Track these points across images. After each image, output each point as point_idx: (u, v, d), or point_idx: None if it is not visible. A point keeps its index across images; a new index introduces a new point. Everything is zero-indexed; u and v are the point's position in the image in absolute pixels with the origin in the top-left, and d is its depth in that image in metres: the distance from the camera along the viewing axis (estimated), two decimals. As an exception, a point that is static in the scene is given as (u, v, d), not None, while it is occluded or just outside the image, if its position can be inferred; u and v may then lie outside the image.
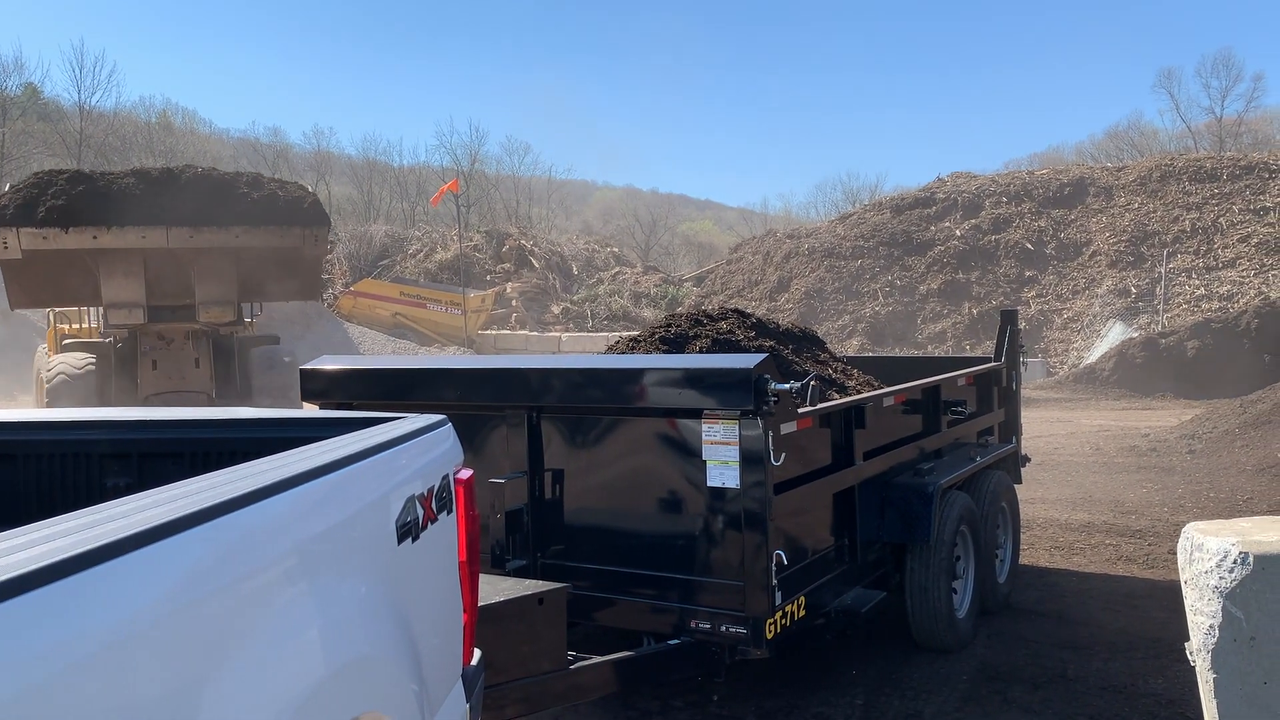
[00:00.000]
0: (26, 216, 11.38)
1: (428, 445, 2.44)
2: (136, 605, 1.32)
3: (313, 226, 12.81)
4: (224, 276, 12.66)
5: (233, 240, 12.26)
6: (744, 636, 4.03)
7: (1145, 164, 29.54)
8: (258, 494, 1.65)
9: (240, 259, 12.63)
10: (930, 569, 5.18)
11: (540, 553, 4.46)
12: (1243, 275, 23.82)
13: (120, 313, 12.43)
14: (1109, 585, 6.74)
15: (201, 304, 12.67)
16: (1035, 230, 27.20)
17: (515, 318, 31.01)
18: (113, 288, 12.15)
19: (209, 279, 12.57)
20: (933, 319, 25.65)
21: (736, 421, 3.96)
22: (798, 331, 6.55)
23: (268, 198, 12.69)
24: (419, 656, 2.18)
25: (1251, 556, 2.73)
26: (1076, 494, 9.85)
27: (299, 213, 12.76)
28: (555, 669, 3.83)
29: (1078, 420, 15.84)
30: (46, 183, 11.77)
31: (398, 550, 2.14)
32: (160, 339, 13.25)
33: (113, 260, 12.04)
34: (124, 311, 12.39)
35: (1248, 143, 45.01)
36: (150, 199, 11.88)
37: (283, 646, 1.65)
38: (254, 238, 12.36)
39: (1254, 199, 25.74)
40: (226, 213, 12.22)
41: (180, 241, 12.01)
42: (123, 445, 2.92)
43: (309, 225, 12.76)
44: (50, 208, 11.47)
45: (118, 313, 12.47)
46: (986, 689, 4.95)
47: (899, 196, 31.30)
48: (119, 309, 12.41)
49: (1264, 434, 11.56)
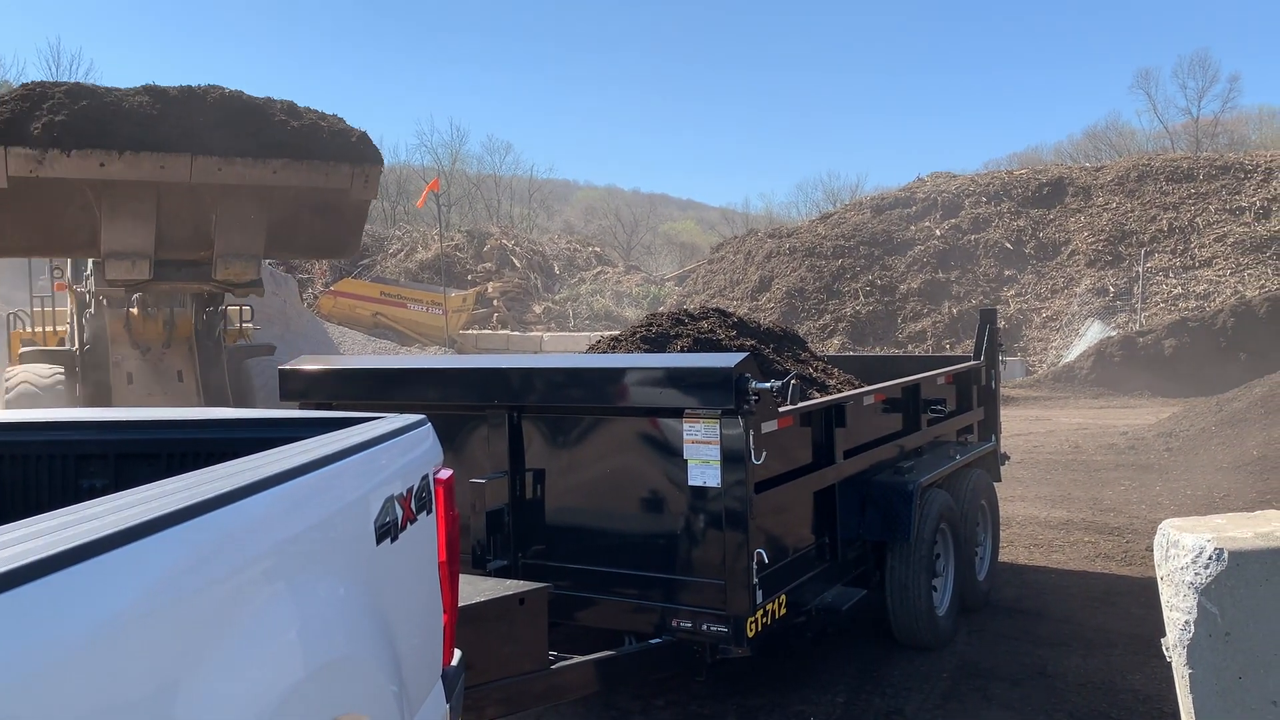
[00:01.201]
0: (17, 133, 8.89)
1: (407, 445, 2.43)
2: (113, 606, 1.31)
3: (364, 164, 10.37)
4: (250, 223, 10.33)
5: (268, 176, 9.83)
6: (725, 635, 4.04)
7: (1123, 164, 29.75)
8: (235, 494, 1.64)
9: (272, 201, 10.25)
10: (910, 567, 5.20)
11: (521, 553, 4.45)
12: (1219, 274, 24.03)
13: (122, 265, 9.97)
14: (1087, 582, 6.79)
15: (220, 257, 10.32)
16: (1014, 230, 27.35)
17: (496, 317, 30.95)
18: (116, 232, 9.75)
19: (232, 226, 10.21)
20: (913, 318, 25.76)
21: (717, 420, 3.96)
22: (779, 331, 6.57)
23: (309, 128, 10.23)
24: (398, 657, 2.17)
25: (1226, 553, 2.76)
26: (1055, 492, 9.92)
27: (347, 147, 10.35)
28: (536, 669, 3.83)
29: (1056, 419, 15.94)
30: (40, 95, 9.12)
31: (377, 551, 2.13)
32: (134, 346, 11.31)
33: (119, 196, 9.60)
34: (126, 264, 9.96)
35: (1224, 143, 45.42)
36: (169, 122, 9.49)
37: (261, 647, 1.64)
38: (293, 174, 9.94)
39: (1230, 199, 25.98)
40: (262, 142, 9.84)
41: (206, 175, 9.56)
42: (99, 446, 2.90)
43: (360, 162, 10.33)
44: (48, 124, 8.98)
45: (119, 265, 10.00)
46: (967, 686, 4.98)
47: (879, 196, 31.42)
48: (121, 260, 9.97)
49: (1239, 432, 11.67)
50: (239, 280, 10.84)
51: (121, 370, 11.26)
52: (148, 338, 11.33)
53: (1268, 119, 51.94)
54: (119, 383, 11.23)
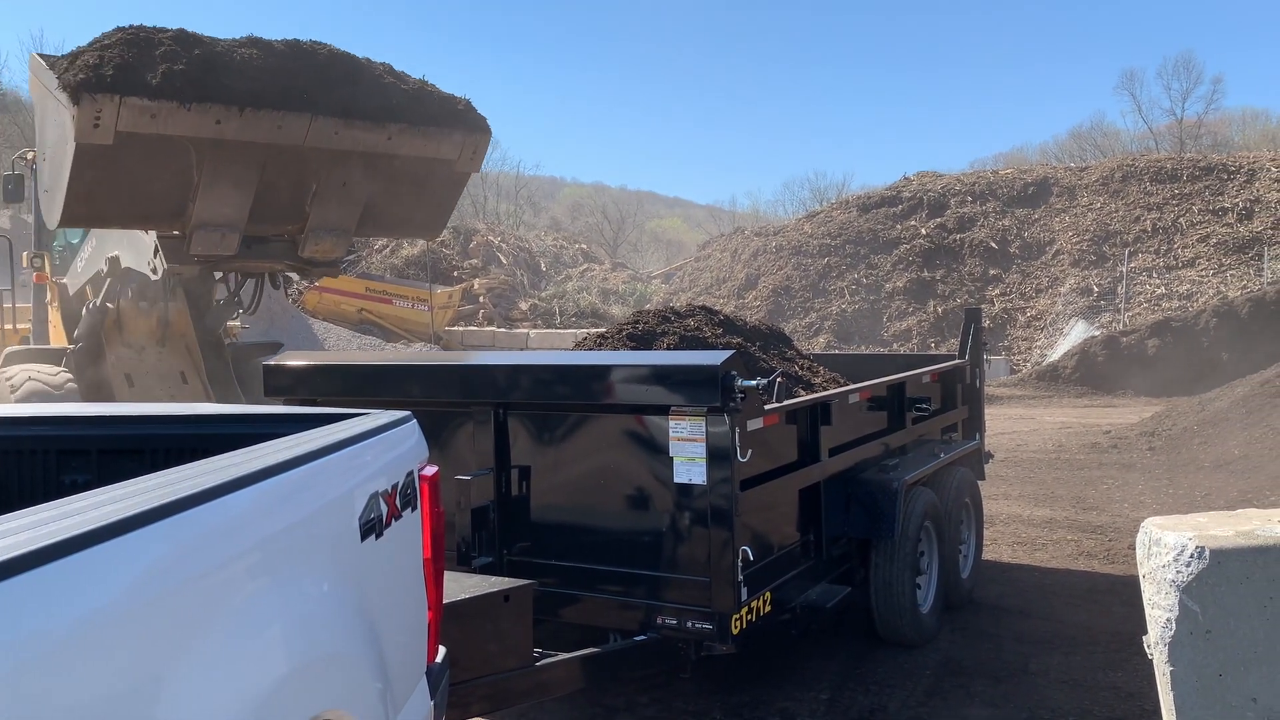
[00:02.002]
0: (133, 82, 7.42)
1: (392, 442, 2.43)
2: (95, 602, 1.31)
3: (475, 134, 9.28)
4: (349, 195, 9.11)
5: (383, 143, 8.72)
6: (710, 632, 4.05)
7: (1107, 164, 29.91)
8: (219, 490, 1.64)
9: (376, 171, 9.09)
10: (895, 564, 5.22)
11: (506, 550, 4.45)
12: (1202, 275, 24.19)
13: (211, 237, 8.70)
14: (1070, 580, 6.83)
15: (312, 231, 9.08)
16: (999, 229, 27.47)
17: (483, 314, 30.89)
18: (212, 200, 8.49)
19: (331, 197, 9.03)
20: (898, 317, 25.84)
21: (703, 418, 3.96)
22: (765, 329, 6.58)
23: (418, 92, 9.11)
24: (383, 654, 2.17)
25: (1208, 551, 2.78)
26: (1039, 490, 9.97)
27: (457, 114, 9.20)
28: (521, 666, 3.82)
29: (1040, 417, 16.02)
30: (146, 40, 7.69)
31: (361, 547, 2.13)
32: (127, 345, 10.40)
33: (225, 159, 8.35)
34: (215, 236, 8.69)
35: (1207, 144, 45.71)
36: (282, 78, 8.30)
37: (244, 643, 1.63)
38: (407, 142, 8.88)
39: (1213, 199, 26.15)
40: (378, 105, 8.72)
41: (323, 138, 8.44)
42: (81, 441, 2.88)
43: (472, 131, 9.24)
44: (167, 73, 7.64)
45: (207, 237, 8.71)
46: (950, 683, 5.00)
47: (865, 195, 31.49)
48: (211, 232, 8.68)
49: (1221, 431, 11.76)
50: (325, 259, 9.51)
51: (119, 372, 10.34)
52: (139, 335, 10.46)
53: (1251, 120, 52.38)
54: (119, 385, 10.25)
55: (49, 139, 7.77)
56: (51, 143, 7.68)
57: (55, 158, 7.68)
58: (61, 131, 7.36)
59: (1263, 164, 27.09)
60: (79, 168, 7.55)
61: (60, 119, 7.32)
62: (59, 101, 7.23)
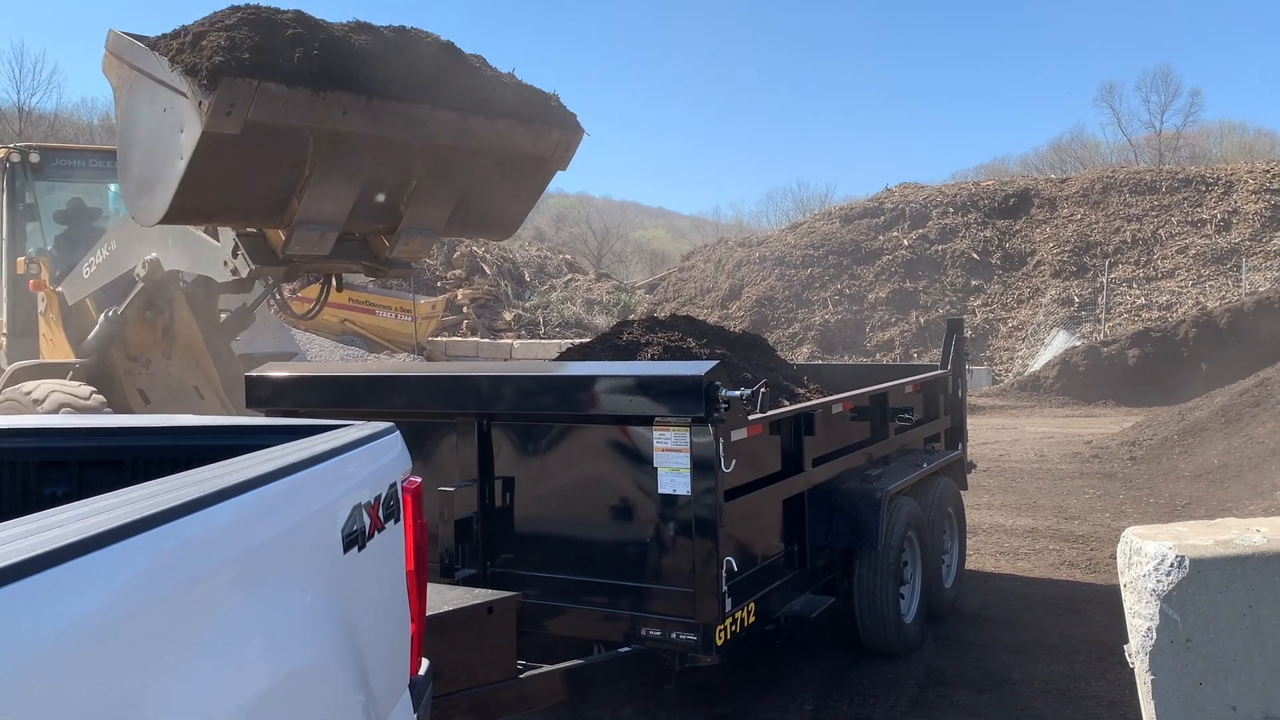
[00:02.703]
0: (270, 67, 6.81)
1: (374, 453, 2.42)
2: (74, 615, 1.30)
3: (570, 132, 8.75)
4: (444, 192, 8.47)
5: (493, 138, 8.12)
6: (694, 643, 4.04)
7: (1087, 176, 30.16)
8: (200, 502, 1.63)
9: (475, 168, 8.44)
10: (878, 574, 5.23)
11: (490, 561, 4.43)
12: (1181, 285, 24.41)
13: (310, 236, 7.89)
14: (1053, 589, 6.86)
15: (404, 231, 8.41)
16: (981, 240, 27.63)
17: (466, 324, 30.84)
18: (318, 197, 7.72)
19: (428, 195, 8.34)
20: (881, 327, 25.95)
21: (687, 428, 3.97)
22: (748, 339, 6.60)
23: (520, 86, 8.56)
24: (365, 666, 2.15)
25: (1188, 560, 2.80)
26: (1021, 500, 10.02)
27: (555, 110, 8.69)
28: (505, 678, 3.81)
29: (1022, 427, 16.10)
30: (270, 21, 7.07)
31: (343, 559, 2.12)
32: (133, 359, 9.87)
33: (340, 152, 7.60)
34: (315, 235, 7.90)
35: (1185, 156, 46.14)
36: (403, 69, 7.66)
37: (225, 657, 1.62)
38: (514, 138, 8.28)
39: (1191, 211, 26.41)
40: (491, 98, 8.13)
41: (444, 132, 7.83)
42: (61, 453, 2.85)
43: (567, 130, 8.74)
44: (303, 58, 6.98)
45: (307, 236, 7.88)
46: (933, 693, 5.01)
47: (848, 206, 31.62)
48: (311, 230, 7.88)
49: (1201, 441, 11.85)
50: (410, 258, 8.78)
51: (132, 388, 9.75)
52: (144, 347, 9.86)
53: (1228, 133, 52.87)
54: (135, 402, 9.64)
55: (142, 128, 6.94)
56: (147, 132, 6.88)
57: (157, 148, 6.92)
58: (170, 118, 6.63)
59: (1240, 176, 27.38)
60: (200, 159, 6.77)
61: (171, 105, 6.59)
62: (170, 86, 6.47)
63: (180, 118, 6.53)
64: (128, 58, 6.82)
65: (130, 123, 7.15)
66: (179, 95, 6.40)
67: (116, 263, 9.52)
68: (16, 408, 9.31)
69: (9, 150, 10.94)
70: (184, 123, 6.51)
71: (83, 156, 11.86)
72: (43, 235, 10.78)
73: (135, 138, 7.06)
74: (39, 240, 10.94)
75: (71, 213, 11.15)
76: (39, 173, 10.96)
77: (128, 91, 7.01)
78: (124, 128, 7.19)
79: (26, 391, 9.37)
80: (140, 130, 7.00)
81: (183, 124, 6.52)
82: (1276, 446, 10.46)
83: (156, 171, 7.02)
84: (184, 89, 6.30)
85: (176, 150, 6.68)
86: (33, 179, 10.96)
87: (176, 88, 6.37)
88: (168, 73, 6.40)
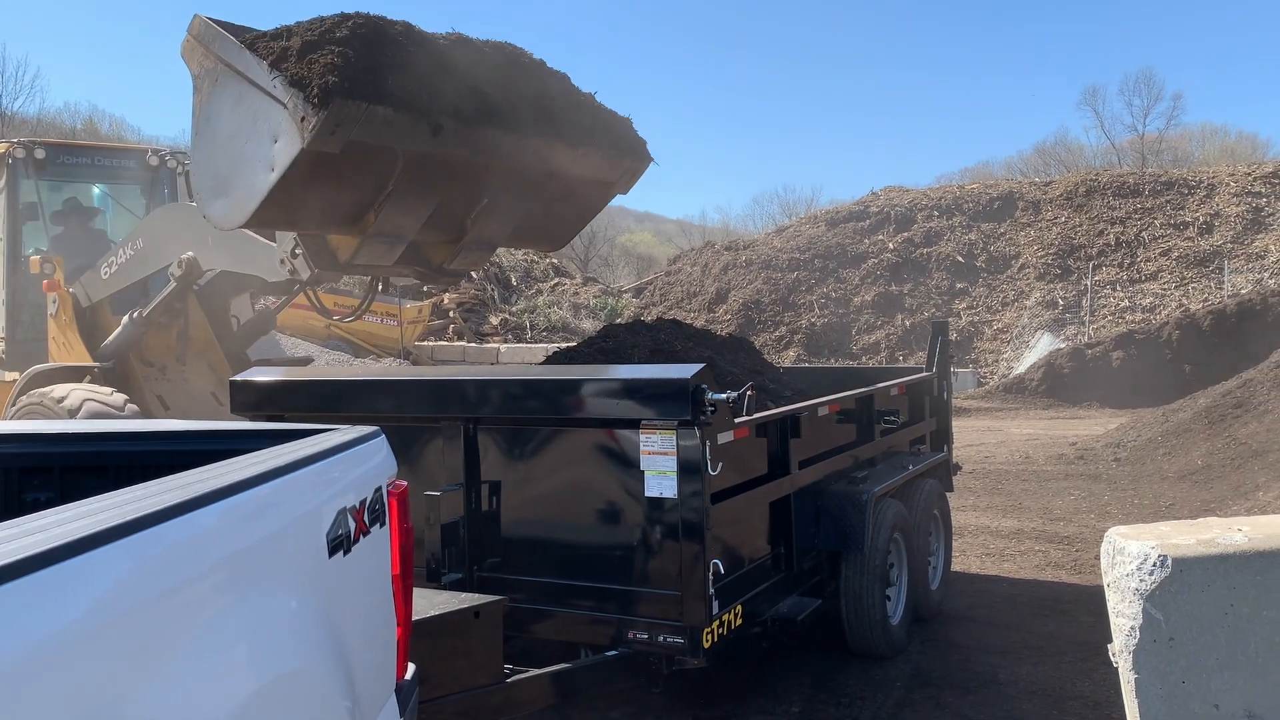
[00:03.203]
0: (381, 90, 6.56)
1: (360, 457, 2.41)
2: (58, 622, 1.29)
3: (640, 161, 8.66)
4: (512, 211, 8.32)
5: (570, 164, 8.03)
6: (682, 646, 4.04)
7: (1071, 179, 30.32)
8: (184, 507, 1.62)
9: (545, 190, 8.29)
10: (864, 576, 5.24)
11: (477, 566, 4.43)
12: (1164, 288, 24.57)
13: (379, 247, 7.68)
14: (1038, 590, 6.89)
15: (465, 245, 8.21)
16: (966, 243, 27.75)
17: (453, 329, 30.78)
18: (397, 211, 7.51)
19: (496, 212, 8.18)
20: (867, 330, 26.02)
21: (674, 431, 3.97)
22: (735, 342, 6.61)
23: (598, 110, 8.41)
24: (351, 671, 2.15)
25: (1170, 559, 2.82)
26: (1006, 501, 10.06)
27: (628, 139, 8.58)
28: (491, 683, 3.80)
29: (1007, 429, 16.17)
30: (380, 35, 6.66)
31: (329, 564, 2.11)
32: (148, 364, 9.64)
33: (425, 169, 7.39)
34: (384, 246, 7.69)
35: (1168, 159, 46.46)
36: (498, 89, 7.42)
37: (210, 663, 1.62)
38: (589, 164, 8.19)
39: (1174, 214, 26.58)
40: (576, 124, 8.01)
41: (527, 156, 7.69)
42: (43, 459, 2.84)
43: (638, 159, 8.65)
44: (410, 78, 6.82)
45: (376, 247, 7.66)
46: (920, 694, 5.03)
47: (834, 210, 31.70)
48: (381, 241, 7.68)
49: (1185, 442, 11.92)
50: (468, 269, 8.66)
51: (150, 393, 9.47)
52: (158, 352, 9.65)
53: (1210, 136, 53.22)
54: (155, 410, 9.40)
55: (224, 126, 6.57)
56: (230, 132, 6.52)
57: (242, 153, 6.57)
58: (263, 126, 6.29)
59: (1222, 179, 27.59)
60: (295, 171, 6.53)
61: (263, 111, 6.22)
62: (267, 92, 6.14)
63: (274, 127, 6.16)
64: (216, 49, 6.38)
65: (211, 118, 6.70)
66: (275, 103, 6.02)
67: (145, 261, 9.12)
68: (42, 412, 9.00)
69: (12, 145, 10.40)
70: (279, 134, 6.15)
71: (88, 154, 11.39)
72: (46, 235, 10.36)
73: (215, 135, 6.65)
74: (40, 241, 10.51)
75: (68, 212, 10.64)
76: (42, 170, 10.42)
77: (210, 84, 6.56)
78: (202, 122, 6.71)
79: (52, 395, 9.03)
80: (222, 129, 6.60)
81: (277, 134, 6.17)
82: (1259, 447, 10.54)
83: (239, 177, 6.65)
84: (284, 99, 5.93)
85: (267, 160, 6.33)
86: (36, 176, 10.41)
87: (275, 95, 5.98)
88: (266, 78, 6.02)
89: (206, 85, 6.59)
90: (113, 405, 8.74)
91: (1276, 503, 8.56)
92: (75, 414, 8.61)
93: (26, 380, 9.65)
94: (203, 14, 6.38)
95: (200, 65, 6.49)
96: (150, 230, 8.96)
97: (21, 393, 9.31)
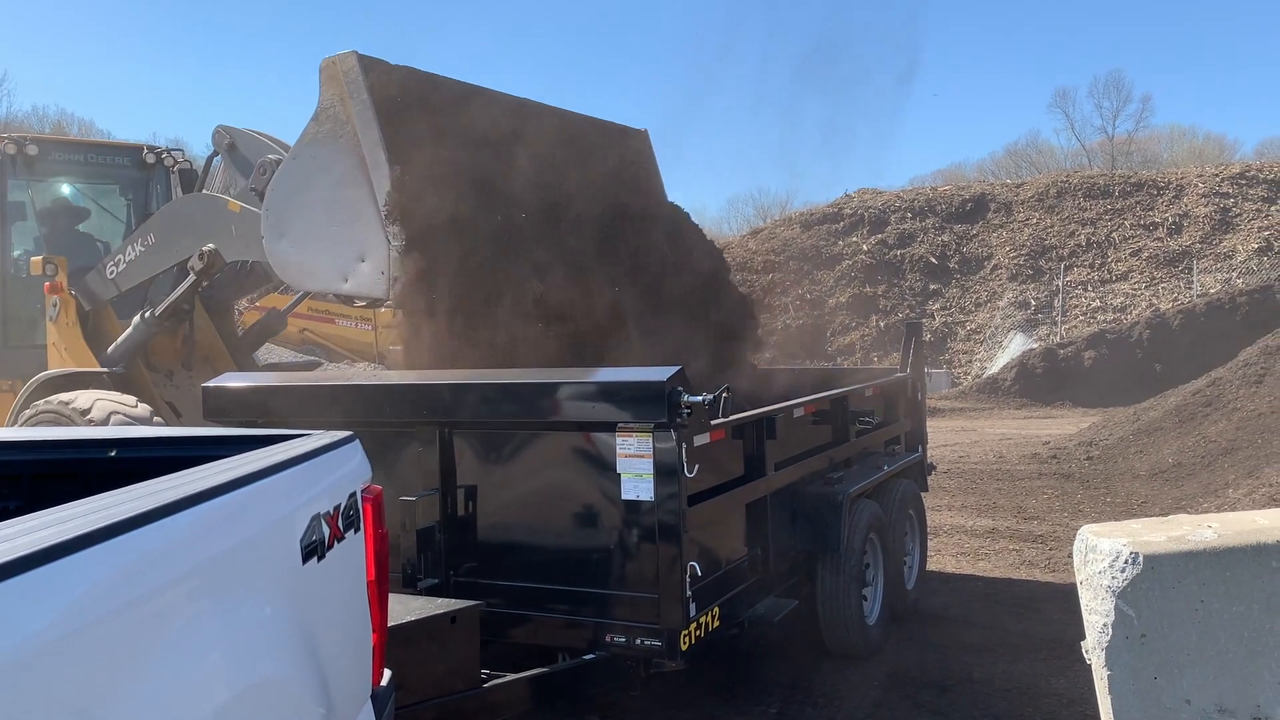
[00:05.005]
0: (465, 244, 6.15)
1: (334, 463, 2.40)
2: (27, 630, 1.28)
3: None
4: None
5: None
6: (659, 649, 4.04)
7: (1042, 180, 30.61)
8: (155, 513, 1.61)
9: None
10: (841, 577, 5.26)
11: (453, 571, 4.41)
12: (1134, 288, 24.84)
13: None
14: (1013, 589, 6.94)
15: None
16: (939, 245, 27.94)
17: (428, 333, 30.62)
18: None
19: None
20: (841, 331, 26.14)
21: (650, 434, 3.97)
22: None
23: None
24: (326, 678, 2.14)
25: (1142, 556, 2.84)
26: (981, 501, 10.13)
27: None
28: (469, 688, 3.79)
29: (981, 429, 16.29)
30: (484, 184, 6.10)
31: (303, 569, 2.10)
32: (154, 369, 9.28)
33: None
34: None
35: (1137, 161, 46.98)
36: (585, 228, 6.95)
37: (183, 670, 1.60)
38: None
39: (1144, 215, 26.89)
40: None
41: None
42: (11, 467, 2.80)
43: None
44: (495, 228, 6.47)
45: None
46: (897, 694, 5.05)
47: (808, 212, 31.82)
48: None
49: (1155, 440, 12.05)
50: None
51: (160, 400, 9.11)
52: (165, 358, 9.32)
53: (1179, 138, 53.84)
54: (166, 416, 9.03)
55: (322, 189, 6.15)
56: (326, 200, 6.15)
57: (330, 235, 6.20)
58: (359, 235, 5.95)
59: (1190, 180, 27.93)
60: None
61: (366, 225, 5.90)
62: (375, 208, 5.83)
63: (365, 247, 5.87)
64: (354, 109, 5.90)
65: (315, 171, 6.21)
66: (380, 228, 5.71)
67: (160, 255, 8.56)
68: (59, 419, 8.48)
69: (2, 141, 9.83)
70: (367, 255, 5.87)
71: (80, 150, 10.82)
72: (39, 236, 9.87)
73: (310, 187, 6.25)
74: (27, 242, 9.99)
75: (56, 211, 10.15)
76: (32, 168, 9.84)
77: (331, 136, 6.08)
78: (307, 162, 6.24)
79: (67, 402, 8.53)
80: (318, 190, 6.19)
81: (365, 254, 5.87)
82: (1228, 445, 10.67)
83: (313, 250, 6.28)
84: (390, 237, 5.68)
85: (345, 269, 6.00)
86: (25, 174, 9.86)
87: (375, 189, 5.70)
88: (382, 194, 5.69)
89: (326, 131, 6.09)
90: (139, 417, 8.27)
91: (1246, 500, 8.67)
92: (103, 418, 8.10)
93: (34, 388, 9.10)
94: (359, 51, 5.84)
95: (331, 101, 6.04)
96: (165, 223, 8.49)
97: (28, 400, 8.85)
